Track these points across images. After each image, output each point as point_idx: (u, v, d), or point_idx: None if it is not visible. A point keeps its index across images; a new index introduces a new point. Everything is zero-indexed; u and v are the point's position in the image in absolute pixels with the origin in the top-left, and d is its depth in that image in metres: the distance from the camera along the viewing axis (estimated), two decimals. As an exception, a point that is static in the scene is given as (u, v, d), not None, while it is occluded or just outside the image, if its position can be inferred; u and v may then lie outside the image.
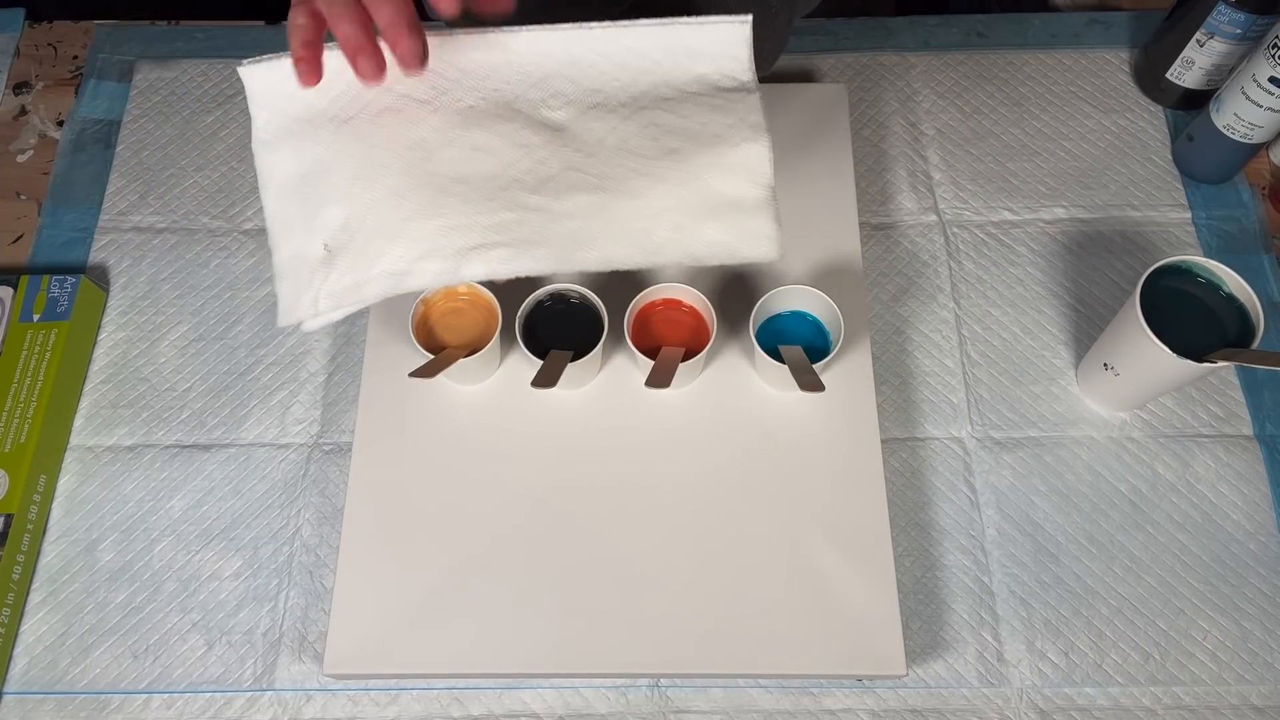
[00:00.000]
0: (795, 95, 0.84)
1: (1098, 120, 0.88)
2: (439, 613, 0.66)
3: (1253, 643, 0.68)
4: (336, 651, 0.64)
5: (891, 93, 0.90)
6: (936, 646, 0.69)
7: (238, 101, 0.89)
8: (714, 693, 0.68)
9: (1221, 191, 0.84)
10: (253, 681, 0.68)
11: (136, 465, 0.74)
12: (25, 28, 0.94)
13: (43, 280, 0.76)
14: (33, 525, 0.71)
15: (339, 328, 0.79)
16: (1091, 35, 0.92)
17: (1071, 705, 0.67)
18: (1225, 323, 0.65)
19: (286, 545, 0.72)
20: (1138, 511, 0.72)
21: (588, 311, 0.70)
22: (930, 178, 0.85)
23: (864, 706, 0.67)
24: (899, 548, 0.71)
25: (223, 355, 0.79)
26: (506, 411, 0.72)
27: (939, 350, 0.78)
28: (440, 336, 0.71)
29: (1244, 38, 0.78)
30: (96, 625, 0.70)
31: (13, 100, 0.90)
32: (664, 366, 0.66)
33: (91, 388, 0.77)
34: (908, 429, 0.75)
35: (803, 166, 0.80)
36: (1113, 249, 0.82)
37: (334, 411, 0.76)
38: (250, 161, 0.86)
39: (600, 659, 0.65)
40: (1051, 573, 0.70)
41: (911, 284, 0.81)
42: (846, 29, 0.93)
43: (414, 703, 0.68)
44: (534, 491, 0.69)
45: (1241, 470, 0.73)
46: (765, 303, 0.70)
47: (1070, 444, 0.75)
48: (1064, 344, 0.78)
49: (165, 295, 0.81)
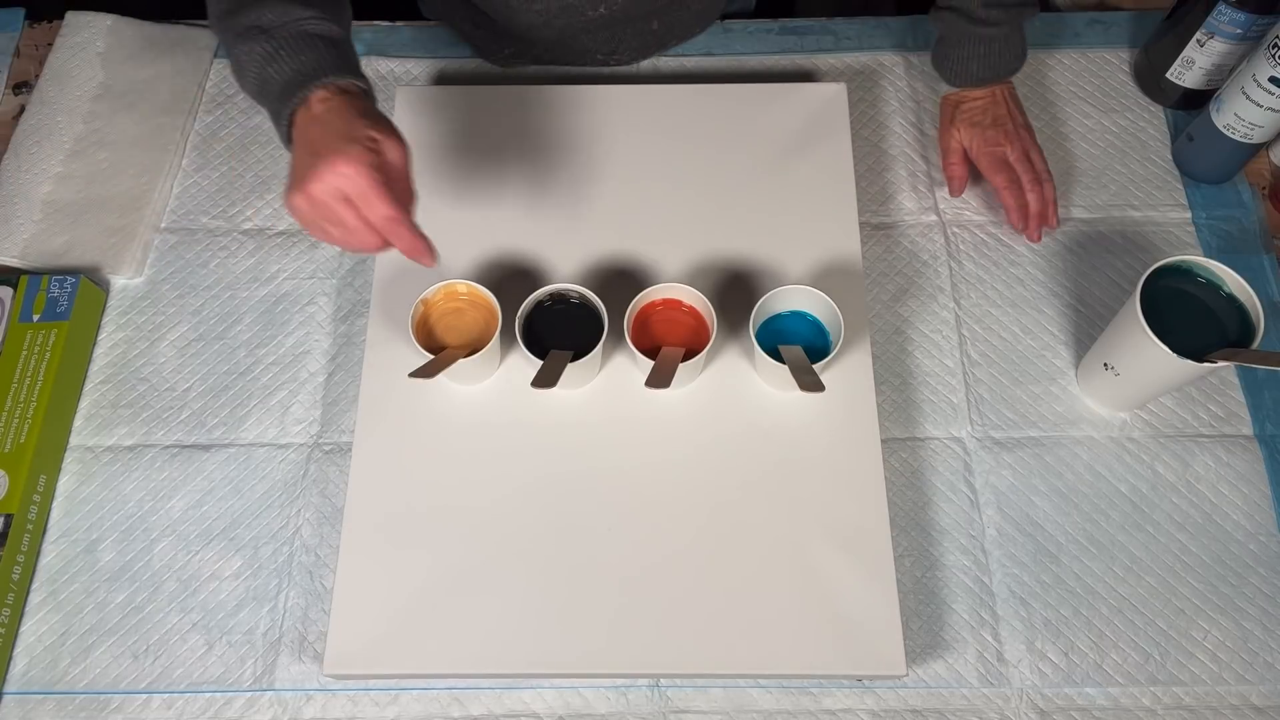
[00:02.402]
0: (795, 95, 0.84)
1: (1098, 120, 0.88)
2: (439, 613, 0.66)
3: (1253, 643, 0.68)
4: (336, 651, 0.64)
5: (891, 93, 0.90)
6: (936, 646, 0.69)
7: (237, 101, 0.89)
8: (714, 693, 0.68)
9: (1221, 191, 0.84)
10: (253, 681, 0.68)
11: (136, 465, 0.74)
12: (25, 28, 0.94)
13: (43, 280, 0.76)
14: (33, 525, 0.71)
15: (339, 327, 0.79)
16: (1091, 35, 0.92)
17: (1071, 705, 0.67)
18: (1225, 323, 0.65)
19: (286, 545, 0.72)
20: (1138, 511, 0.72)
21: (588, 311, 0.70)
22: (930, 178, 0.85)
23: (864, 706, 0.67)
24: (899, 548, 0.71)
25: (223, 355, 0.79)
26: (506, 412, 0.72)
27: (939, 350, 0.78)
28: (440, 336, 0.71)
29: (1244, 38, 0.78)
30: (96, 625, 0.70)
31: (13, 100, 0.90)
32: (664, 366, 0.66)
33: (91, 388, 0.77)
34: (908, 429, 0.75)
35: (803, 166, 0.80)
36: (1113, 249, 0.82)
37: (334, 411, 0.76)
38: (250, 161, 0.87)
39: (600, 659, 0.65)
40: (1051, 573, 0.70)
41: (911, 284, 0.81)
42: (846, 29, 0.93)
43: (414, 703, 0.68)
44: (534, 491, 0.69)
45: (1241, 470, 0.73)
46: (765, 303, 0.70)
47: (1070, 444, 0.75)
48: (1064, 344, 0.78)
49: (165, 295, 0.81)
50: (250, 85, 0.62)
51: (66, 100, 0.88)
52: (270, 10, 0.61)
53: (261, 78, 0.61)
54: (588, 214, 0.79)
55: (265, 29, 0.61)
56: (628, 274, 0.77)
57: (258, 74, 0.61)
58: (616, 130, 0.82)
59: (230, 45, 0.63)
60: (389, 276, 0.76)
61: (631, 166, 0.81)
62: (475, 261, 0.77)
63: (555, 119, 0.83)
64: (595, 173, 0.81)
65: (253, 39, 0.61)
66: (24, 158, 0.85)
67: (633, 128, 0.83)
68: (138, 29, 0.91)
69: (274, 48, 0.60)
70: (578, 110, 0.83)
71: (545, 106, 0.83)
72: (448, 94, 0.85)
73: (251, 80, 0.62)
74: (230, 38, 0.63)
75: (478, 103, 0.84)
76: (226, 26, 0.63)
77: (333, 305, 0.80)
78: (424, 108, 0.84)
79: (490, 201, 0.80)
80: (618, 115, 0.83)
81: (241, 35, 0.62)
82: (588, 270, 0.77)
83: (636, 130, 0.83)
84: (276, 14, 0.61)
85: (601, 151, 0.81)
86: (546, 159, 0.81)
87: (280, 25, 0.61)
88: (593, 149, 0.82)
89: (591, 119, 0.83)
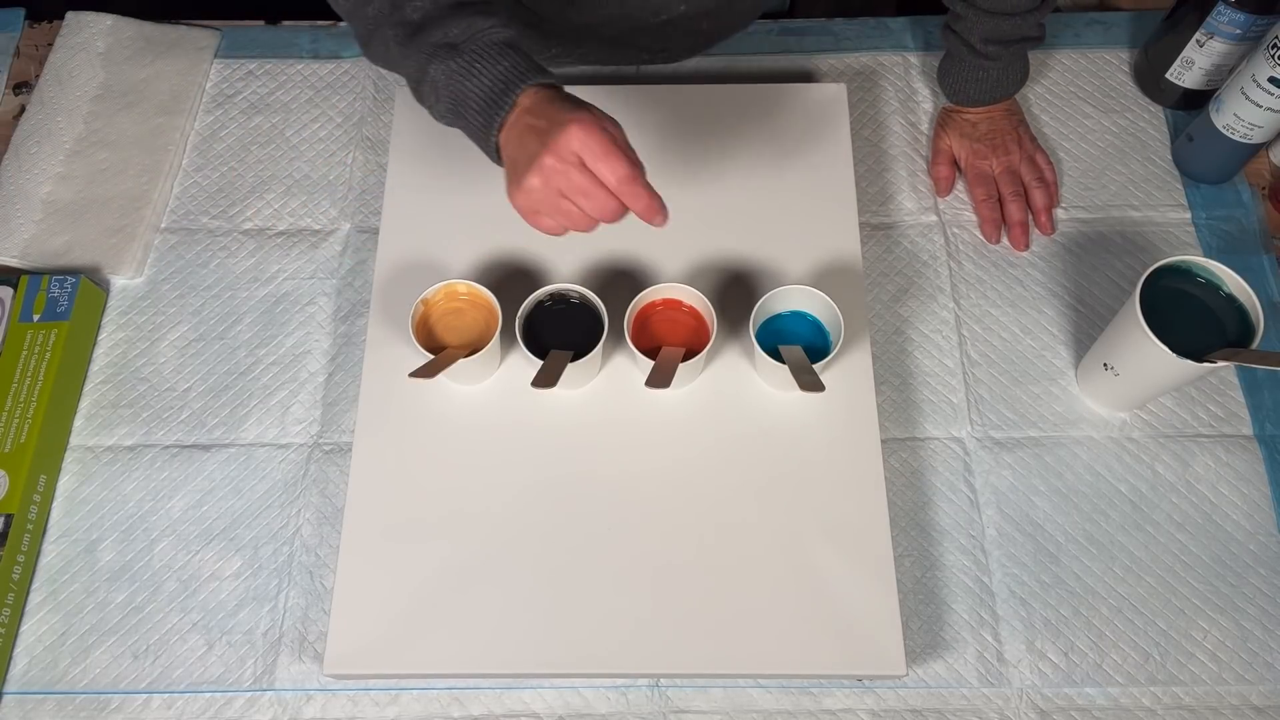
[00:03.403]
0: (795, 95, 0.84)
1: (1098, 120, 0.88)
2: (439, 613, 0.66)
3: (1253, 643, 0.68)
4: (336, 651, 0.64)
5: (891, 93, 0.90)
6: (936, 646, 0.69)
7: (237, 101, 0.89)
8: (714, 693, 0.68)
9: (1221, 191, 0.84)
10: (253, 681, 0.68)
11: (136, 465, 0.74)
12: (25, 28, 0.94)
13: (43, 280, 0.76)
14: (33, 525, 0.71)
15: (339, 327, 0.79)
16: (1091, 35, 0.92)
17: (1071, 705, 0.67)
18: (1225, 323, 0.65)
19: (286, 545, 0.72)
20: (1138, 511, 0.72)
21: (588, 311, 0.70)
22: (930, 177, 0.85)
23: (864, 706, 0.67)
24: (899, 548, 0.71)
25: (223, 355, 0.79)
26: (506, 411, 0.72)
27: (939, 350, 0.78)
28: (440, 336, 0.71)
29: (1244, 38, 0.78)
30: (96, 625, 0.70)
31: (13, 100, 0.90)
32: (664, 366, 0.66)
33: (91, 388, 0.77)
34: (908, 429, 0.75)
35: (803, 166, 0.80)
36: (1113, 249, 0.82)
37: (334, 411, 0.76)
38: (250, 161, 0.87)
39: (600, 659, 0.65)
40: (1051, 573, 0.70)
41: (911, 284, 0.81)
42: (846, 29, 0.93)
43: (414, 703, 0.68)
44: (534, 492, 0.69)
45: (1241, 470, 0.73)
46: (765, 303, 0.70)
47: (1070, 444, 0.75)
48: (1064, 344, 0.78)
49: (165, 295, 0.81)
50: (444, 104, 0.61)
51: (67, 100, 0.88)
52: (455, 25, 0.60)
53: (458, 94, 0.60)
54: (588, 214, 0.79)
55: (454, 44, 0.60)
56: (628, 274, 0.77)
57: (453, 91, 0.60)
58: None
59: (422, 67, 0.61)
60: (389, 276, 0.76)
61: (631, 166, 0.81)
62: (475, 261, 0.77)
63: (555, 119, 0.83)
64: (595, 173, 0.80)
65: (444, 57, 0.60)
66: (24, 158, 0.85)
67: (633, 128, 0.82)
68: (138, 29, 0.92)
69: (467, 62, 0.59)
70: (578, 110, 0.83)
71: (545, 106, 0.83)
72: (448, 94, 0.85)
73: (445, 99, 0.61)
74: (421, 59, 0.61)
75: (478, 103, 0.84)
76: (414, 48, 0.61)
77: (333, 305, 0.80)
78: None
79: (490, 201, 0.79)
80: (618, 115, 0.82)
81: (432, 55, 0.60)
82: (588, 270, 0.77)
83: (637, 131, 0.82)
84: (462, 28, 0.60)
85: (601, 151, 0.81)
86: (546, 159, 0.81)
87: (469, 39, 0.60)
88: (593, 149, 0.81)
89: (591, 119, 0.83)
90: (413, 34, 0.61)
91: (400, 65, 0.63)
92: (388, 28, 0.62)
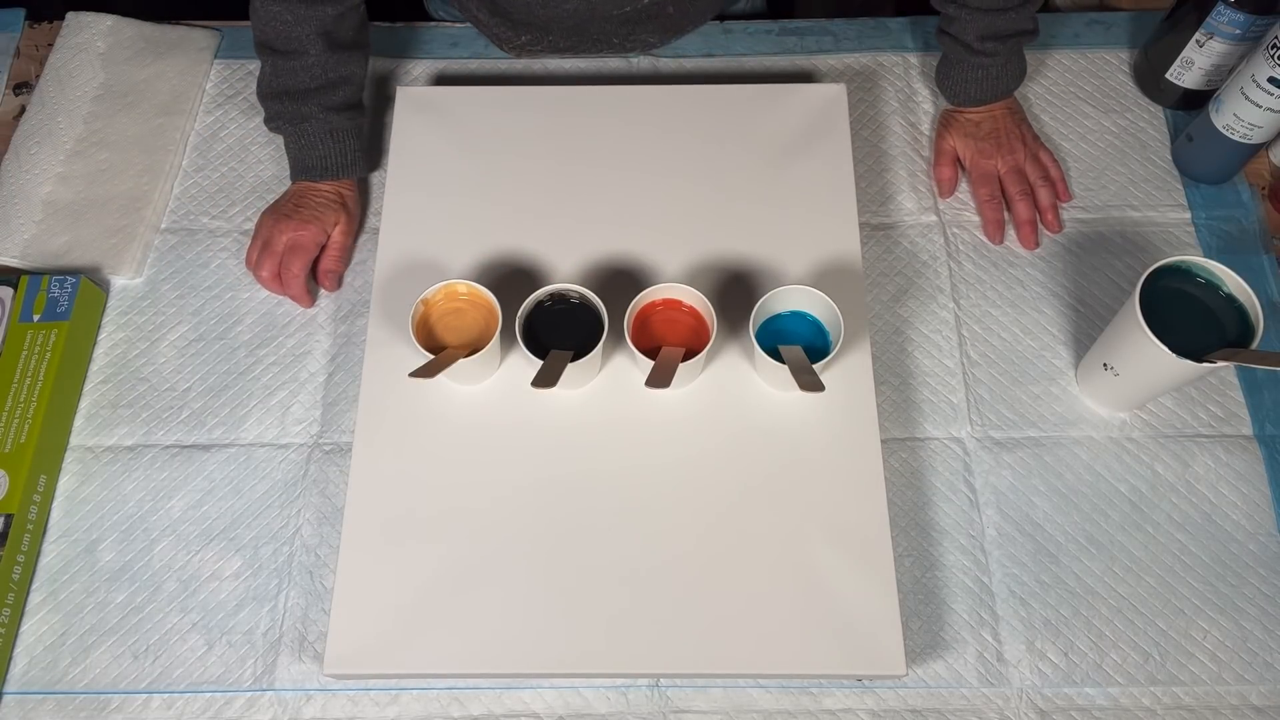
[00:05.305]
0: (795, 95, 0.84)
1: (1098, 120, 0.88)
2: (439, 613, 0.66)
3: (1253, 643, 0.68)
4: (336, 651, 0.64)
5: (891, 93, 0.90)
6: (936, 646, 0.69)
7: (238, 102, 0.89)
8: (714, 693, 0.68)
9: (1221, 191, 0.84)
10: (253, 681, 0.68)
11: (136, 465, 0.74)
12: (25, 28, 0.94)
13: (43, 280, 0.76)
14: (33, 525, 0.71)
15: (339, 327, 0.79)
16: (1091, 35, 0.92)
17: (1071, 705, 0.67)
18: (1225, 323, 0.65)
19: (286, 545, 0.72)
20: (1138, 511, 0.72)
21: (588, 311, 0.70)
22: (930, 178, 0.85)
23: (864, 706, 0.67)
24: (899, 548, 0.71)
25: (223, 355, 0.79)
26: (506, 411, 0.72)
27: (939, 350, 0.78)
28: (440, 336, 0.71)
29: (1243, 38, 0.78)
30: (96, 625, 0.70)
31: (13, 100, 0.90)
32: (664, 366, 0.66)
33: (91, 388, 0.77)
34: (908, 429, 0.75)
35: (803, 166, 0.80)
36: (1113, 249, 0.82)
37: (334, 411, 0.76)
38: (250, 162, 0.87)
39: (600, 659, 0.65)
40: (1051, 573, 0.71)
41: (911, 284, 0.81)
42: (846, 29, 0.93)
43: (414, 703, 0.68)
44: (534, 492, 0.69)
45: (1241, 470, 0.73)
46: (765, 303, 0.70)
47: (1070, 444, 0.75)
48: (1064, 344, 0.78)
49: (165, 295, 0.81)
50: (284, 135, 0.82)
51: (67, 101, 0.88)
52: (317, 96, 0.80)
53: (299, 147, 0.81)
54: (588, 214, 0.79)
55: (306, 117, 0.80)
56: (628, 274, 0.77)
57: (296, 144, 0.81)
58: (617, 130, 0.82)
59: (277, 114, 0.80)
60: (389, 276, 0.77)
61: (632, 167, 0.81)
62: (475, 261, 0.77)
63: (555, 119, 0.83)
64: (595, 173, 0.81)
65: (294, 120, 0.80)
66: (24, 158, 0.85)
67: (633, 128, 0.83)
68: (138, 29, 0.92)
69: (312, 131, 0.80)
70: (578, 110, 0.83)
71: (545, 107, 0.84)
72: (447, 94, 0.85)
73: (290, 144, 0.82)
74: (278, 108, 0.80)
75: (478, 103, 0.84)
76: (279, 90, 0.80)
77: (333, 305, 0.80)
78: (424, 108, 0.84)
79: (490, 201, 0.80)
80: (618, 115, 0.83)
81: (285, 116, 0.80)
82: (588, 270, 0.77)
83: (637, 130, 0.83)
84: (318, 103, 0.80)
85: (602, 151, 0.81)
86: (547, 159, 0.81)
87: (321, 115, 0.79)
88: (593, 149, 0.82)
89: (592, 119, 0.83)
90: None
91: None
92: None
